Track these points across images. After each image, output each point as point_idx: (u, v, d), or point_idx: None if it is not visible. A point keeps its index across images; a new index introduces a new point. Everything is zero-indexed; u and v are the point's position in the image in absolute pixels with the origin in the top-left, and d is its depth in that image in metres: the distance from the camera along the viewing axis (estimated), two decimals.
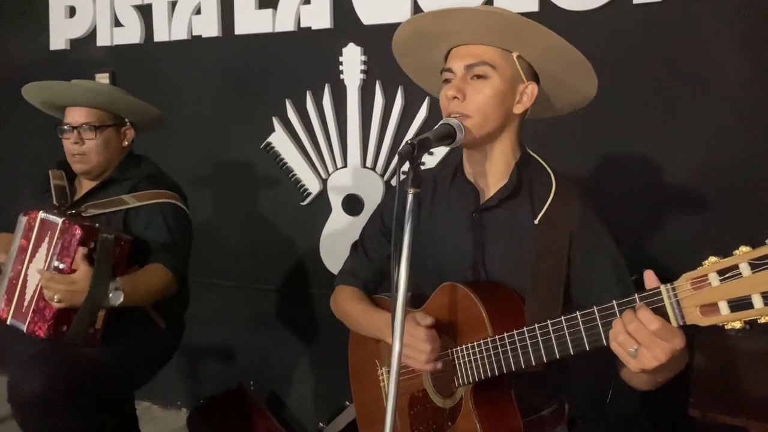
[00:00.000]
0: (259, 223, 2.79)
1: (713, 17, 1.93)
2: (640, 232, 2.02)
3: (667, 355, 0.95)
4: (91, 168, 2.01)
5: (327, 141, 2.60)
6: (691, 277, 0.91)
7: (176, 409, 3.02)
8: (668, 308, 0.94)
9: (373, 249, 1.55)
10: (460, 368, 1.25)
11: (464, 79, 1.26)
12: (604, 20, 2.05)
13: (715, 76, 1.95)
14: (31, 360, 1.79)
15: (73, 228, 1.77)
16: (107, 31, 2.99)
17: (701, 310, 0.90)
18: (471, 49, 1.27)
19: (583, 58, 1.25)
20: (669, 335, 0.94)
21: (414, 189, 1.11)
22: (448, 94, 1.26)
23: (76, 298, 1.74)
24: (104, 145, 1.98)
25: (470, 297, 1.24)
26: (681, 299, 0.92)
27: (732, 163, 1.94)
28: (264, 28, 2.64)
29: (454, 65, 1.29)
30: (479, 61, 1.25)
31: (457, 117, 1.25)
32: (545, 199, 1.30)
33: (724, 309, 0.87)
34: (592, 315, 1.05)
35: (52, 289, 1.72)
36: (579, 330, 1.07)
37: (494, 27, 1.23)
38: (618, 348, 0.99)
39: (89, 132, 1.95)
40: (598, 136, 2.12)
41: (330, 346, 2.63)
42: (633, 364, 0.98)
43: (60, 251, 1.79)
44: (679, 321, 0.93)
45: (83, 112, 1.97)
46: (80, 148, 1.96)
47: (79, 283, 1.73)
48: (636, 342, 0.96)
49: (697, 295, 0.90)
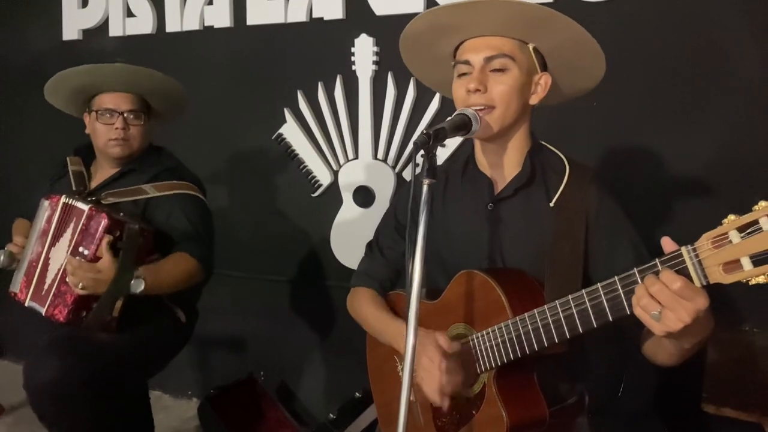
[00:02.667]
0: (270, 214, 2.79)
1: (731, 7, 1.91)
2: (654, 225, 2.00)
3: (691, 315, 0.93)
4: (132, 152, 2.02)
5: (338, 132, 2.59)
6: (711, 236, 0.90)
7: (187, 399, 3.04)
8: (690, 269, 0.93)
9: (388, 247, 1.54)
10: (482, 354, 1.24)
11: (483, 71, 1.25)
12: (620, 10, 2.03)
13: (733, 68, 1.92)
14: (47, 347, 1.80)
15: (100, 215, 1.78)
16: (119, 22, 3.00)
17: (724, 267, 0.90)
18: (489, 41, 1.25)
19: (596, 43, 1.24)
20: (692, 294, 0.93)
21: (429, 180, 1.10)
22: (470, 87, 1.24)
23: (100, 287, 1.75)
24: (147, 132, 2.03)
25: (488, 282, 1.23)
26: (702, 259, 0.92)
27: (749, 155, 1.91)
28: (276, 19, 2.63)
29: (471, 57, 1.26)
30: (499, 53, 1.24)
31: (481, 110, 1.24)
32: (559, 183, 1.30)
33: (747, 264, 0.87)
34: (613, 285, 1.04)
35: (78, 276, 1.73)
36: (601, 301, 1.05)
37: (517, 19, 1.21)
38: (642, 312, 0.97)
39: (136, 118, 1.98)
40: (613, 128, 2.10)
41: (340, 338, 2.64)
42: (658, 327, 0.97)
43: (85, 238, 1.80)
44: (702, 281, 0.93)
45: (128, 97, 1.98)
46: (126, 133, 1.97)
47: (105, 272, 1.75)
48: (659, 304, 0.95)
49: (718, 254, 0.89)
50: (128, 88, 1.98)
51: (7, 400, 2.84)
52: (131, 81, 1.98)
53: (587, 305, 1.08)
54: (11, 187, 3.34)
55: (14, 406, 2.83)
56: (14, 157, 3.43)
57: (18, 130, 3.40)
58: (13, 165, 3.43)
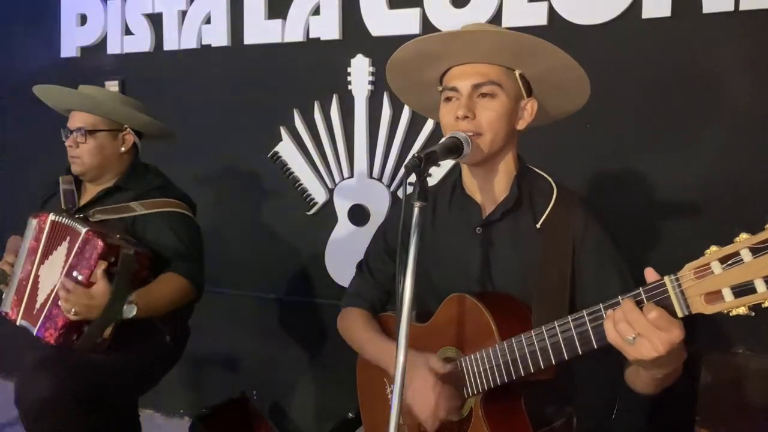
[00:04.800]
0: (265, 232, 2.79)
1: (722, 33, 1.93)
2: (643, 248, 2.01)
3: (666, 346, 0.95)
4: (85, 170, 2.02)
5: (334, 151, 2.60)
6: (693, 266, 0.92)
7: (179, 418, 3.01)
8: (673, 298, 0.94)
9: (378, 269, 1.55)
10: (469, 378, 1.24)
11: (471, 97, 1.26)
12: (613, 34, 2.06)
13: (724, 92, 1.95)
14: (39, 364, 1.79)
15: (96, 240, 1.77)
16: (117, 40, 3.02)
17: (705, 298, 0.91)
18: (477, 68, 1.27)
19: (581, 70, 1.26)
20: (667, 324, 0.94)
21: (420, 202, 1.10)
22: (459, 114, 1.25)
23: (93, 312, 1.75)
24: (97, 150, 1.99)
25: (477, 306, 1.24)
26: (685, 289, 0.93)
27: (741, 178, 1.93)
28: (273, 38, 2.66)
29: (459, 84, 1.28)
30: (487, 81, 1.25)
31: (470, 136, 1.25)
32: (546, 205, 1.31)
33: (728, 295, 0.88)
34: (598, 312, 1.05)
35: (71, 302, 1.73)
36: (586, 328, 1.07)
37: (504, 48, 1.23)
38: (616, 336, 0.99)
39: (81, 136, 1.98)
40: (606, 151, 2.11)
41: (334, 356, 2.62)
42: (631, 352, 0.98)
43: (79, 262, 1.79)
44: (685, 311, 0.94)
45: (81, 116, 2.00)
46: (74, 151, 1.99)
47: (98, 298, 1.74)
48: (635, 331, 0.96)
49: (700, 284, 0.91)
50: (83, 108, 2.00)
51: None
52: (79, 103, 2.01)
53: (572, 331, 1.09)
54: (6, 205, 3.33)
55: (6, 423, 2.79)
56: (11, 174, 3.43)
57: (16, 145, 3.41)
58: (9, 181, 3.43)
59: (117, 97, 2.08)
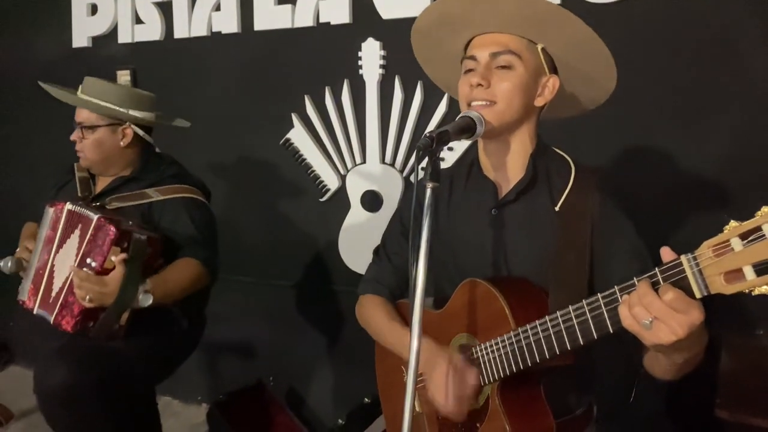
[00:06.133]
0: (278, 219, 2.79)
1: (742, 8, 1.88)
2: (664, 228, 1.98)
3: (684, 329, 0.90)
4: (89, 164, 2.06)
5: (346, 137, 2.58)
6: (712, 244, 0.87)
7: (197, 405, 3.04)
8: (690, 278, 0.90)
9: (395, 253, 1.52)
10: (485, 366, 1.23)
11: (488, 67, 1.24)
12: (629, 12, 2.01)
13: (744, 70, 1.89)
14: (57, 353, 1.81)
15: (108, 227, 1.78)
16: (128, 29, 3.02)
17: (725, 277, 0.86)
18: (497, 37, 1.25)
19: (606, 50, 1.23)
20: (685, 306, 0.90)
21: (432, 183, 1.08)
22: (473, 81, 1.23)
23: (107, 299, 1.75)
24: (96, 144, 2.01)
25: (492, 292, 1.22)
26: (703, 268, 0.88)
27: (759, 157, 1.88)
28: (283, 24, 2.63)
29: (477, 53, 1.26)
30: (505, 50, 1.23)
31: (482, 105, 1.23)
32: (564, 187, 1.27)
33: (750, 274, 0.83)
34: (614, 295, 1.01)
35: (84, 289, 1.73)
36: (601, 311, 1.03)
37: (525, 14, 1.20)
38: (632, 321, 0.95)
39: (79, 131, 2.01)
40: (623, 132, 2.08)
41: (349, 342, 2.63)
42: (648, 337, 0.94)
43: (92, 249, 1.80)
44: (703, 291, 0.89)
45: (83, 112, 2.02)
46: (78, 145, 2.02)
47: (111, 285, 1.75)
48: (651, 314, 0.92)
49: (720, 262, 0.85)
50: (84, 106, 2.01)
51: (18, 406, 2.85)
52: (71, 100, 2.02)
53: (587, 316, 1.05)
54: (22, 194, 3.36)
55: (25, 411, 2.84)
56: (25, 164, 3.46)
57: (28, 136, 3.43)
58: (23, 171, 3.46)
59: (118, 93, 2.03)
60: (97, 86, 2.02)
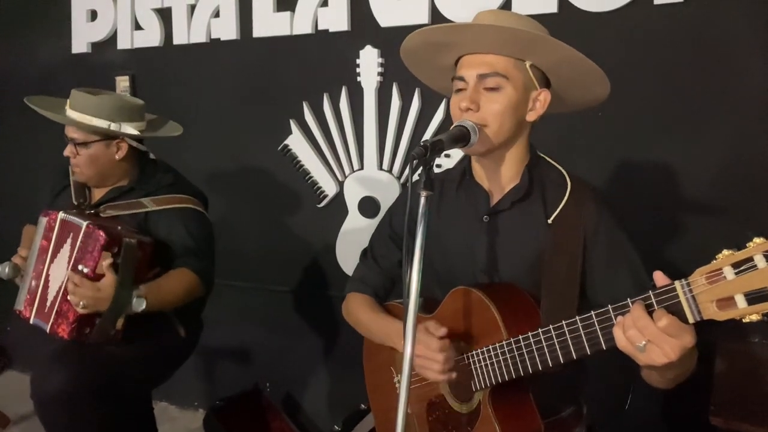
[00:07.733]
0: (275, 225, 2.80)
1: (736, 18, 1.90)
2: (660, 238, 1.99)
3: (677, 352, 0.93)
4: (85, 179, 2.03)
5: (344, 143, 2.60)
6: (705, 271, 0.89)
7: (193, 410, 3.04)
8: (684, 304, 0.92)
9: (382, 256, 1.54)
10: (477, 372, 1.24)
11: (477, 89, 1.24)
12: (625, 21, 2.02)
13: (739, 79, 1.91)
14: (54, 357, 1.82)
15: (97, 232, 1.78)
16: (128, 35, 3.03)
17: (718, 304, 0.89)
18: (484, 57, 1.25)
19: (596, 66, 1.23)
20: (678, 331, 0.93)
21: (426, 192, 1.09)
22: (462, 105, 1.24)
23: (101, 305, 1.76)
24: (91, 160, 1.98)
25: (483, 301, 1.23)
26: (696, 294, 0.91)
27: (757, 167, 1.90)
28: (282, 31, 2.65)
29: (465, 73, 1.26)
30: (492, 72, 1.23)
31: None
32: (559, 199, 1.28)
33: (741, 302, 0.86)
34: (606, 314, 1.03)
35: (78, 295, 1.74)
36: (594, 329, 1.05)
37: (508, 41, 1.21)
38: (627, 344, 0.97)
39: (73, 147, 1.98)
40: (618, 140, 2.09)
41: (346, 348, 2.63)
42: (642, 358, 0.97)
43: (83, 255, 1.81)
44: (696, 316, 0.92)
45: (74, 128, 1.98)
46: (73, 160, 2.00)
47: (104, 290, 1.75)
48: (645, 338, 0.94)
49: (712, 290, 0.88)
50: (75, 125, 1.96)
51: (15, 410, 2.84)
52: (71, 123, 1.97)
53: (581, 332, 1.07)
54: (21, 198, 3.37)
55: (22, 416, 2.83)
56: (24, 168, 3.47)
57: (28, 141, 3.43)
58: (23, 175, 3.46)
59: (108, 106, 1.96)
60: (86, 101, 1.95)
